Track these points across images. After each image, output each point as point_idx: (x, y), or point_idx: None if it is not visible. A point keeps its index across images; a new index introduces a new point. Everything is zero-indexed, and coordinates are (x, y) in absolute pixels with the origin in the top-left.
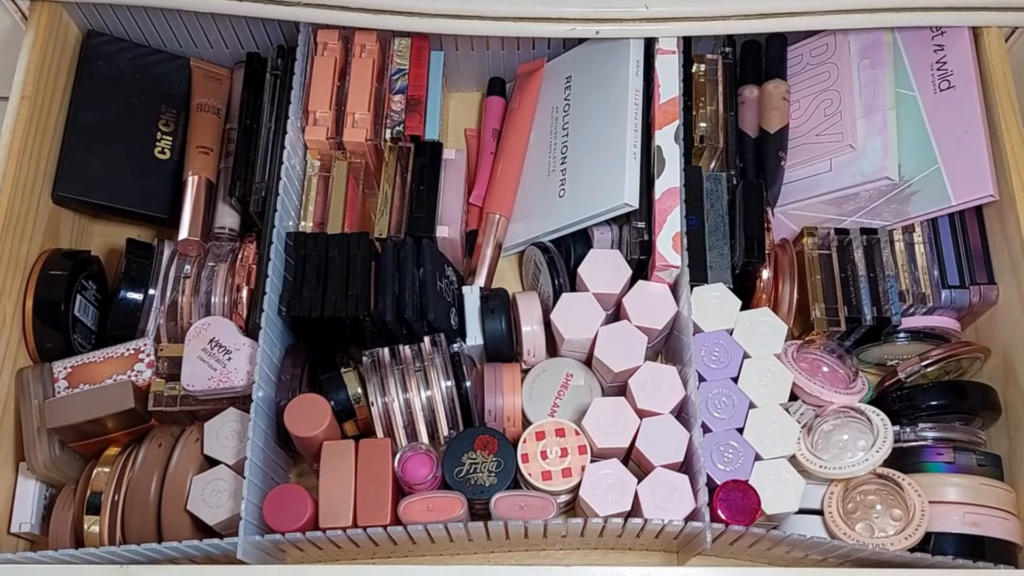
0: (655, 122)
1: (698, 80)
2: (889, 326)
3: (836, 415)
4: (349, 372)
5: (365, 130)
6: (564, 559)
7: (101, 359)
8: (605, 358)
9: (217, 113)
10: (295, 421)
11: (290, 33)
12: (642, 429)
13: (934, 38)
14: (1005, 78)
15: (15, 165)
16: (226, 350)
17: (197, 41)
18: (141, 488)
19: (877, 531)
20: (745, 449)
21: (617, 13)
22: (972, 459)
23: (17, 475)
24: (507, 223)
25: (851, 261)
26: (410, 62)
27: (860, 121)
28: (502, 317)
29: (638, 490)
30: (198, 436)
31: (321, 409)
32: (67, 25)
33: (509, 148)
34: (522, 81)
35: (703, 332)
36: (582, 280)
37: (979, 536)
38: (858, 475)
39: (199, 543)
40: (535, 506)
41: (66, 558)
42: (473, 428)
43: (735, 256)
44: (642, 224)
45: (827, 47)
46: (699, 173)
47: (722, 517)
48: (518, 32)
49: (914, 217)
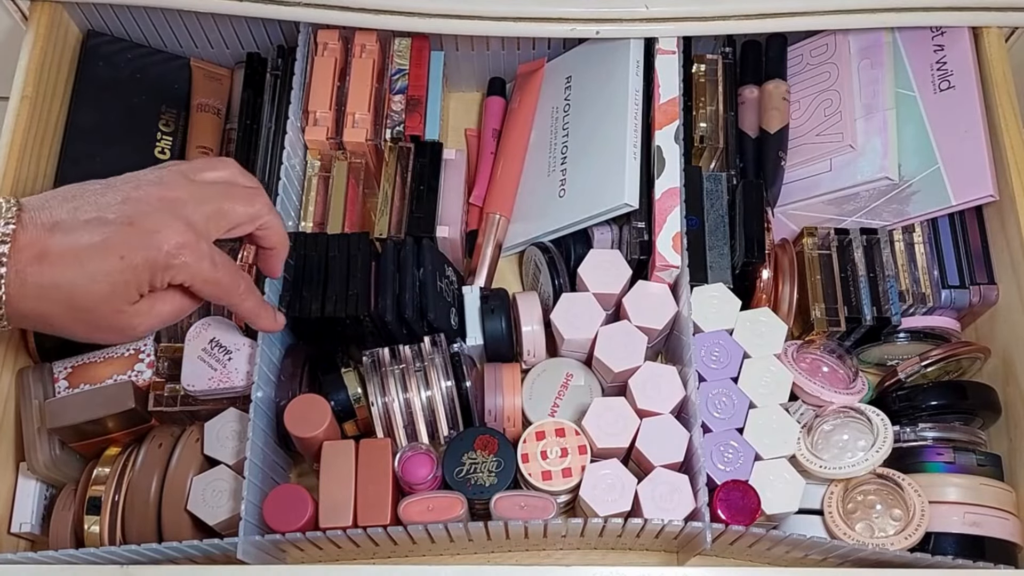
0: (655, 122)
1: (698, 80)
2: (889, 326)
3: (836, 415)
4: (349, 372)
5: (365, 130)
6: (564, 559)
7: (101, 359)
8: (605, 358)
9: (217, 113)
10: (295, 421)
11: (290, 33)
12: (642, 429)
13: (934, 38)
14: (1005, 78)
15: (15, 165)
16: (226, 350)
17: (197, 41)
18: (141, 488)
19: (877, 531)
20: (745, 449)
21: (617, 13)
22: (972, 459)
23: (17, 475)
24: (507, 223)
25: (851, 261)
26: (410, 62)
27: (860, 121)
28: (502, 317)
29: (638, 490)
30: (198, 436)
31: (321, 409)
32: (67, 25)
33: (509, 148)
34: (522, 81)
35: (703, 332)
36: (582, 280)
37: (979, 536)
38: (858, 475)
39: (199, 543)
40: (535, 506)
41: (66, 558)
42: (473, 428)
43: (735, 256)
44: (642, 224)
45: (827, 47)
46: (699, 173)
47: (722, 517)
48: (518, 32)
49: (914, 217)
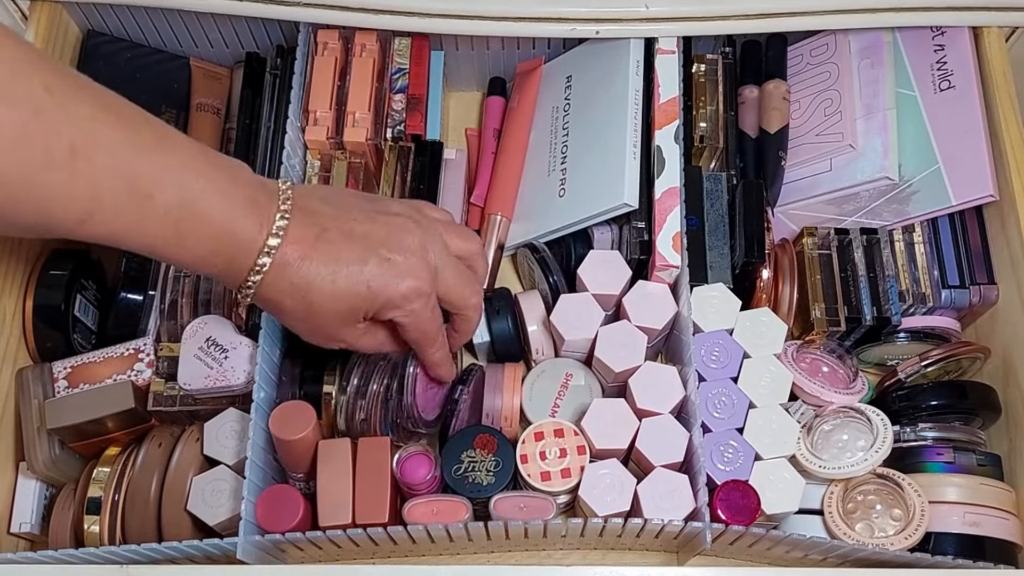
0: (655, 122)
1: (698, 80)
2: (889, 326)
3: (836, 415)
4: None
5: (366, 129)
6: (564, 559)
7: (101, 359)
8: (605, 358)
9: (217, 113)
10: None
11: (290, 33)
12: (642, 429)
13: (934, 38)
14: (1005, 78)
15: None
16: (223, 349)
17: (197, 41)
18: (141, 488)
19: (877, 531)
20: (745, 449)
21: (617, 13)
22: (972, 459)
23: (17, 475)
24: (508, 224)
25: (851, 261)
26: (410, 61)
27: (860, 121)
28: (508, 317)
29: (638, 490)
30: (198, 436)
31: (306, 415)
32: (67, 25)
33: (509, 148)
34: (520, 80)
35: (703, 332)
36: (582, 280)
37: (979, 536)
38: (858, 475)
39: (199, 543)
40: (535, 506)
41: (66, 558)
42: (473, 426)
43: (735, 256)
44: (642, 224)
45: (827, 47)
46: (699, 173)
47: (722, 517)
48: (518, 32)
49: (914, 217)
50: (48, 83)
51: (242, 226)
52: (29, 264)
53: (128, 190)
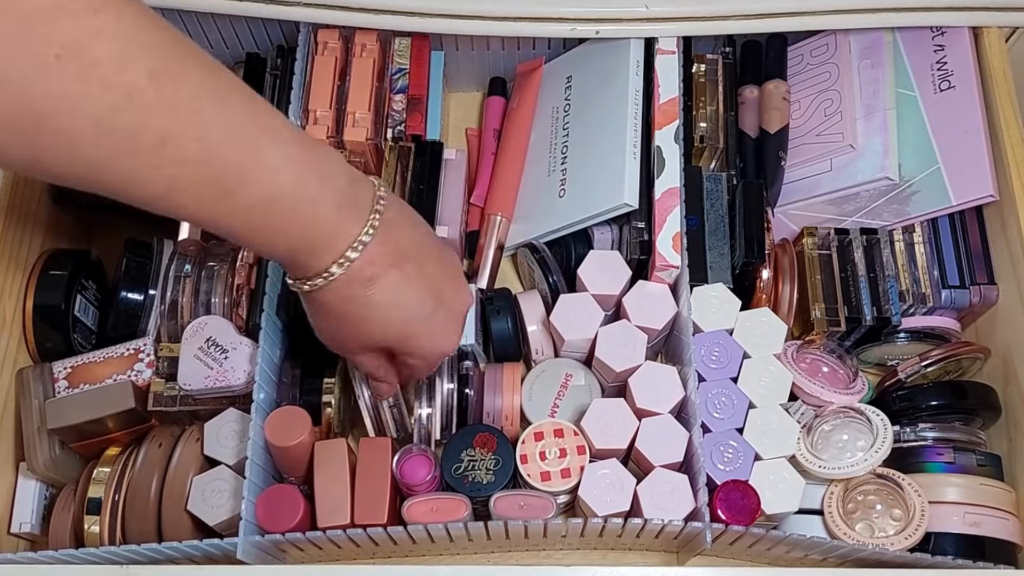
0: (655, 122)
1: (698, 80)
2: (889, 326)
3: (836, 415)
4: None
5: (366, 129)
6: (564, 559)
7: (101, 359)
8: (606, 358)
9: None
10: (275, 432)
11: (290, 33)
12: (642, 429)
13: (934, 38)
14: (1005, 78)
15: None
16: (223, 349)
17: (197, 41)
18: (141, 488)
19: (877, 531)
20: (745, 449)
21: (617, 13)
22: (972, 459)
23: (17, 475)
24: (508, 224)
25: (851, 261)
26: (410, 61)
27: (860, 121)
28: (508, 318)
29: (638, 490)
30: (198, 436)
31: (302, 421)
32: None
33: (509, 148)
34: (521, 80)
35: (703, 332)
36: (582, 281)
37: (979, 536)
38: (858, 475)
39: (199, 543)
40: (535, 506)
41: (66, 558)
42: (473, 425)
43: (735, 256)
44: (642, 224)
45: (827, 47)
46: (699, 173)
47: (722, 517)
48: (518, 32)
49: (914, 217)
50: (153, 68)
51: (322, 233)
52: (29, 264)
53: (213, 182)
